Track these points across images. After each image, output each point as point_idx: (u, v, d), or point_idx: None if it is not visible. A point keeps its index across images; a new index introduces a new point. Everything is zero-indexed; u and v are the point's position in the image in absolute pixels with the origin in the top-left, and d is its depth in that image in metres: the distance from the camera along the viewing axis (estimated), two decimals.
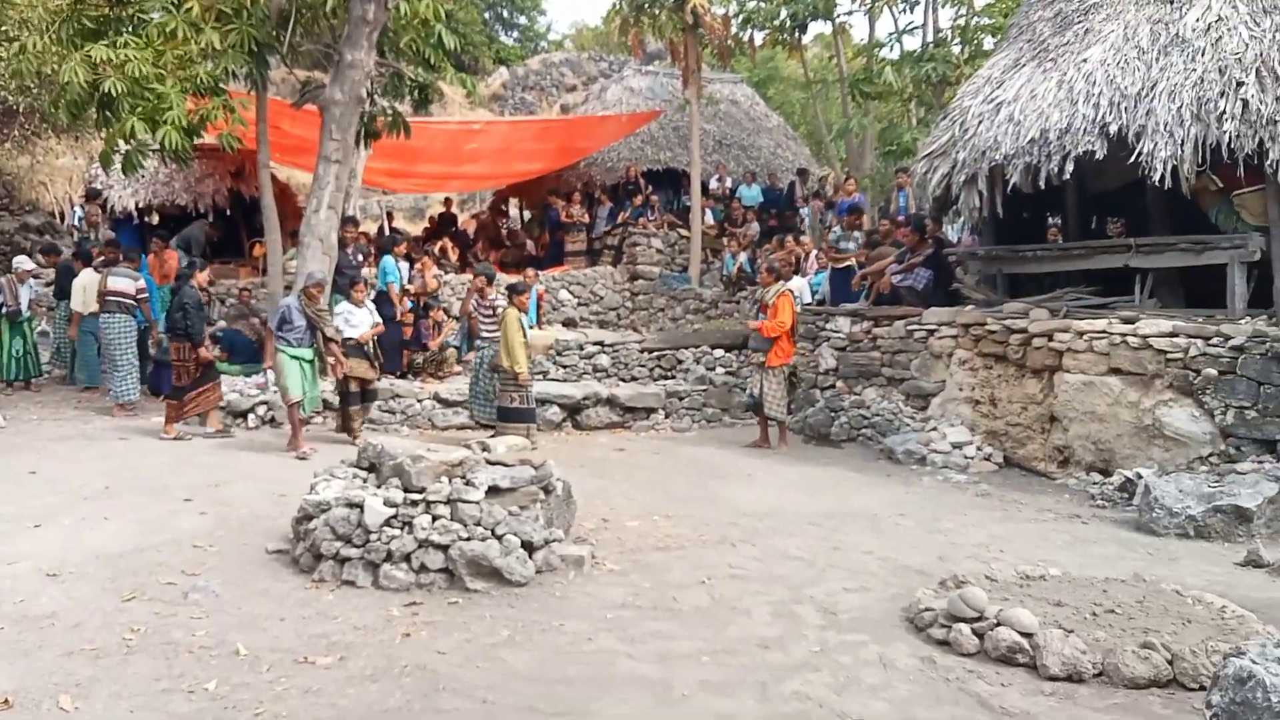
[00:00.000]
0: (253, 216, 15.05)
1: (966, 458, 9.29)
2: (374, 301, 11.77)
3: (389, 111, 12.43)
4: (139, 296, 11.12)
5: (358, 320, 9.95)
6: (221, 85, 11.13)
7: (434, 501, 5.38)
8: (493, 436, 8.93)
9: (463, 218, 22.06)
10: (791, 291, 10.59)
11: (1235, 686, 3.11)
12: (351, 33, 11.11)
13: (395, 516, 5.34)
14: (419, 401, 11.21)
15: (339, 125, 11.20)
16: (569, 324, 15.52)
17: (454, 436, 9.98)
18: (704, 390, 12.42)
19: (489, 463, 5.82)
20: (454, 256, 17.31)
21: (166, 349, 12.44)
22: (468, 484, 5.51)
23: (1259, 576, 5.89)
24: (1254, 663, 3.13)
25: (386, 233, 17.15)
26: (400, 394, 11.16)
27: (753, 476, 8.78)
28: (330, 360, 9.40)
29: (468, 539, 5.26)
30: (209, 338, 12.60)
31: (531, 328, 13.98)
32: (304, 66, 15.92)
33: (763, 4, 19.24)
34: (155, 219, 16.11)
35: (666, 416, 11.95)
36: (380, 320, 10.50)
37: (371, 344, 10.04)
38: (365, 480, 5.87)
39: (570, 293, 16.40)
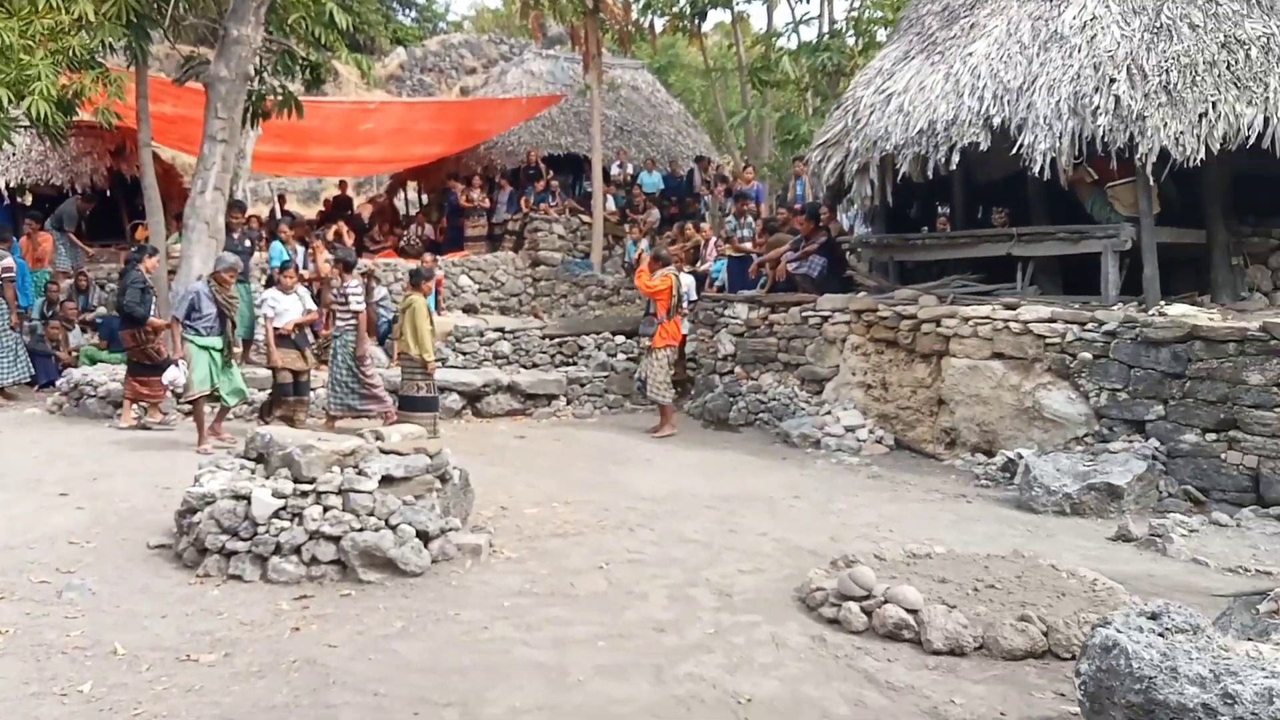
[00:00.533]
0: (134, 197, 14.40)
1: (859, 440, 9.55)
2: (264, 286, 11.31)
3: (279, 90, 12.03)
4: (4, 276, 10.56)
5: (285, 307, 9.45)
6: (98, 58, 10.59)
7: (325, 492, 5.25)
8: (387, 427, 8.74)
9: (359, 201, 21.55)
10: (676, 277, 10.60)
11: (1101, 655, 3.25)
12: (237, 7, 10.71)
13: (284, 508, 5.20)
14: (312, 390, 10.91)
15: (225, 103, 10.79)
16: (469, 310, 15.31)
17: (348, 425, 9.75)
18: (605, 376, 12.44)
19: (382, 452, 5.71)
20: (349, 241, 16.87)
21: (40, 335, 11.85)
22: (360, 474, 5.39)
23: (1128, 550, 6.22)
24: (1119, 631, 3.29)
25: (278, 216, 16.65)
26: None
27: (652, 461, 8.84)
28: (236, 351, 9.03)
29: (360, 529, 5.15)
30: (91, 324, 12.07)
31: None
32: (188, 41, 15.25)
33: None
34: (28, 199, 15.28)
35: (568, 403, 11.92)
36: (314, 307, 10.05)
37: (306, 332, 9.66)
38: (253, 471, 5.70)
39: (470, 278, 16.19)
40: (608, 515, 6.71)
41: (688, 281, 11.15)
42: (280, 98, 11.95)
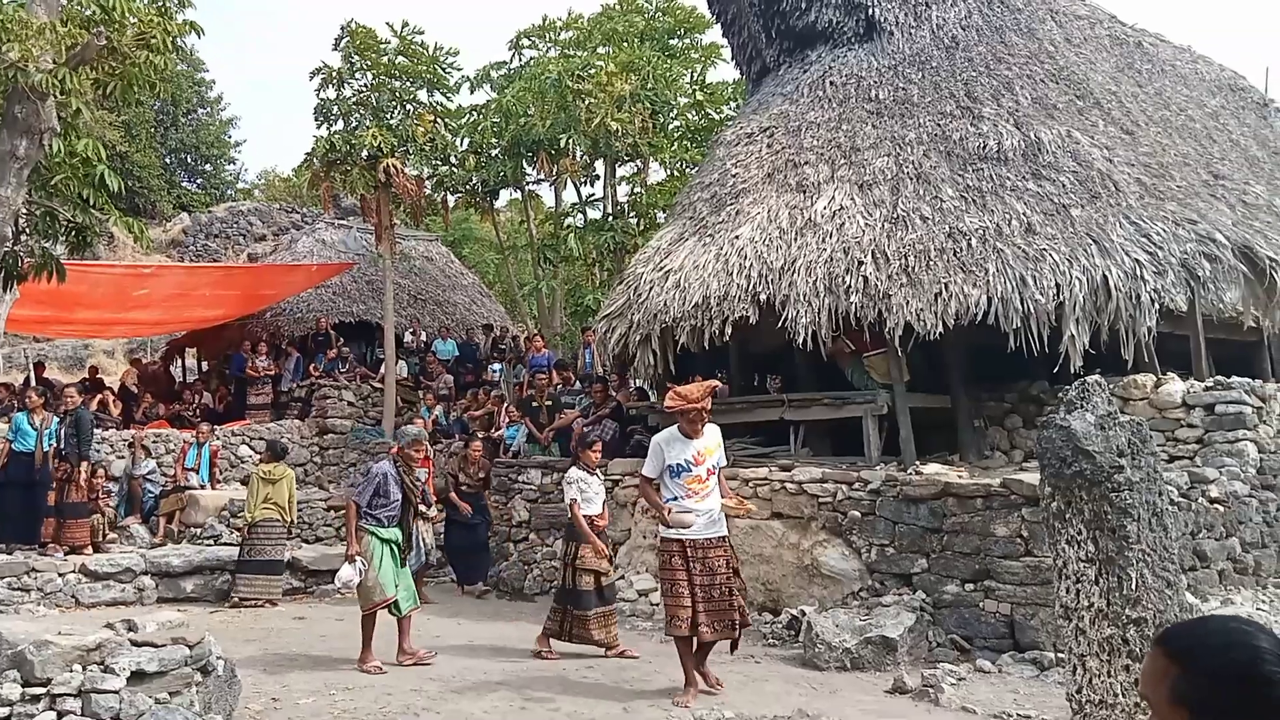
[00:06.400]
0: None
1: (652, 604, 9.58)
2: (6, 466, 10.41)
3: (38, 252, 11.31)
4: None
5: (595, 492, 8.07)
6: None
7: (61, 694, 4.71)
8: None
9: (124, 368, 20.29)
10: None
11: None
12: None
13: (9, 717, 4.61)
14: (60, 575, 9.92)
15: None
16: (248, 482, 14.49)
17: (103, 615, 8.86)
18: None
19: (134, 644, 5.22)
20: (116, 411, 15.79)
21: None
22: (106, 670, 4.89)
23: (904, 702, 6.48)
24: None
25: (33, 383, 15.40)
26: (38, 568, 9.84)
27: (441, 637, 8.49)
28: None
29: None
30: None
31: (202, 487, 12.97)
32: None
33: (455, 169, 19.89)
34: None
35: None
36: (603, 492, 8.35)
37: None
38: None
39: (252, 448, 15.37)
40: (391, 700, 6.35)
41: (699, 446, 6.94)
42: (39, 260, 11.22)
